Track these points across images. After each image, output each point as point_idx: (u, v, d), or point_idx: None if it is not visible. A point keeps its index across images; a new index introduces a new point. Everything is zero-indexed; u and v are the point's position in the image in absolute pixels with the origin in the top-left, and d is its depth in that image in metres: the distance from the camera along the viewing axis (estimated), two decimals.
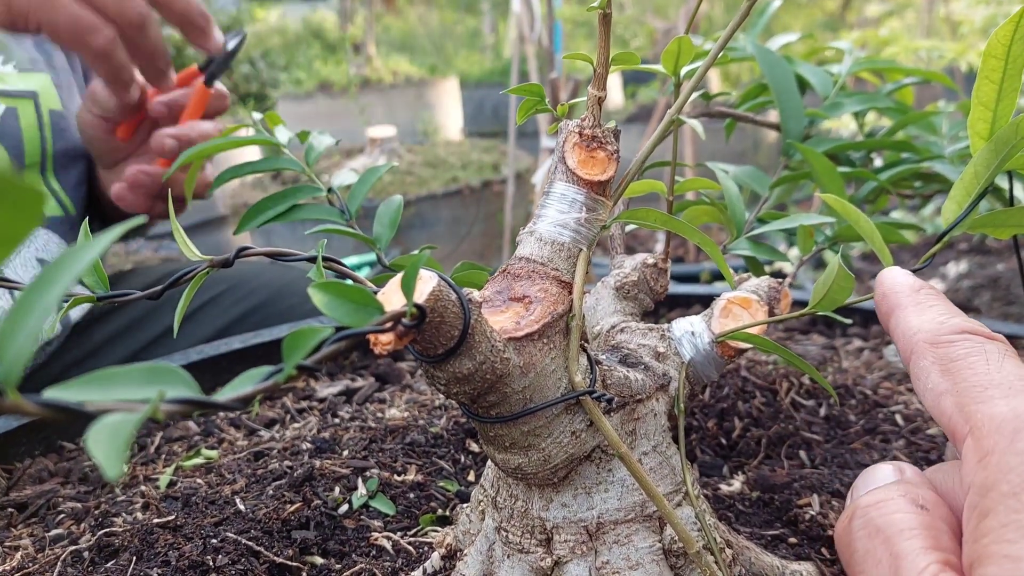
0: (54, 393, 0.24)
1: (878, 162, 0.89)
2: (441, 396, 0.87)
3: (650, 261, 0.63)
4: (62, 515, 0.70)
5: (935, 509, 0.36)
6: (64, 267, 0.23)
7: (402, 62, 5.80)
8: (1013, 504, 0.30)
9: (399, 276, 0.38)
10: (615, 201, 0.52)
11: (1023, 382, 0.35)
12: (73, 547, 0.62)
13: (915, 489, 0.37)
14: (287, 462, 0.72)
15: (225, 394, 0.27)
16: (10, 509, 0.72)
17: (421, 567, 0.57)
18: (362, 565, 0.58)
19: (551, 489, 0.52)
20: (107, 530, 0.64)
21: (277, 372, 0.28)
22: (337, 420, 0.84)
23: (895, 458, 0.75)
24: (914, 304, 0.43)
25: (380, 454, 0.73)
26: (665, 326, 0.58)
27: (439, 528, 0.63)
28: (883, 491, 0.37)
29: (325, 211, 0.75)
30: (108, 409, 0.23)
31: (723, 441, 0.78)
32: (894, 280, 0.45)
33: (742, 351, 0.56)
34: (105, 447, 0.21)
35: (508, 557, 0.52)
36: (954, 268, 2.58)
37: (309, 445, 0.75)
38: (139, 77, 1.03)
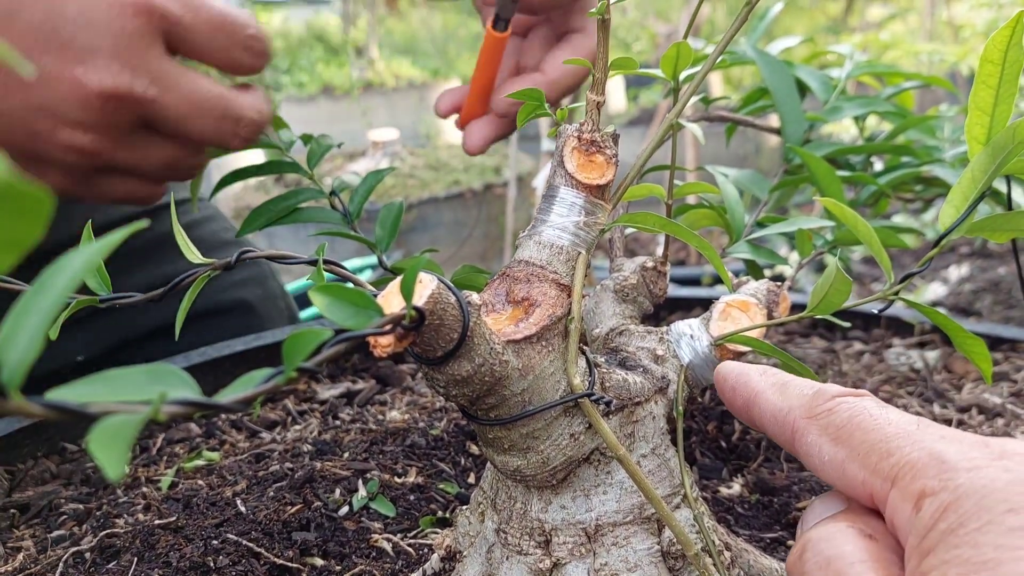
0: (57, 394, 0.24)
1: (879, 166, 0.89)
2: (441, 399, 0.87)
3: (649, 264, 0.63)
4: (64, 516, 0.70)
5: (883, 539, 0.36)
6: (66, 269, 0.24)
7: (404, 65, 5.81)
8: (952, 540, 0.31)
9: (399, 279, 0.39)
10: (614, 205, 0.53)
11: (916, 425, 0.36)
12: (75, 548, 0.63)
13: (863, 518, 0.37)
14: (288, 464, 0.72)
15: (227, 396, 0.28)
16: (12, 510, 0.72)
17: (421, 569, 0.58)
18: (362, 567, 0.58)
19: (550, 491, 0.52)
20: (109, 531, 0.64)
21: (278, 374, 0.29)
22: (338, 422, 0.84)
23: None
24: (769, 386, 0.43)
25: (380, 456, 0.73)
26: (664, 329, 0.59)
27: (439, 530, 0.63)
28: (832, 522, 0.38)
29: (327, 214, 0.75)
30: (110, 410, 0.24)
31: (722, 444, 0.78)
32: (738, 372, 0.44)
33: (741, 354, 0.56)
34: (107, 448, 0.21)
35: (507, 559, 0.53)
36: (955, 272, 2.58)
37: (310, 447, 0.76)
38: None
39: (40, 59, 0.53)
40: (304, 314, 1.90)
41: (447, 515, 0.66)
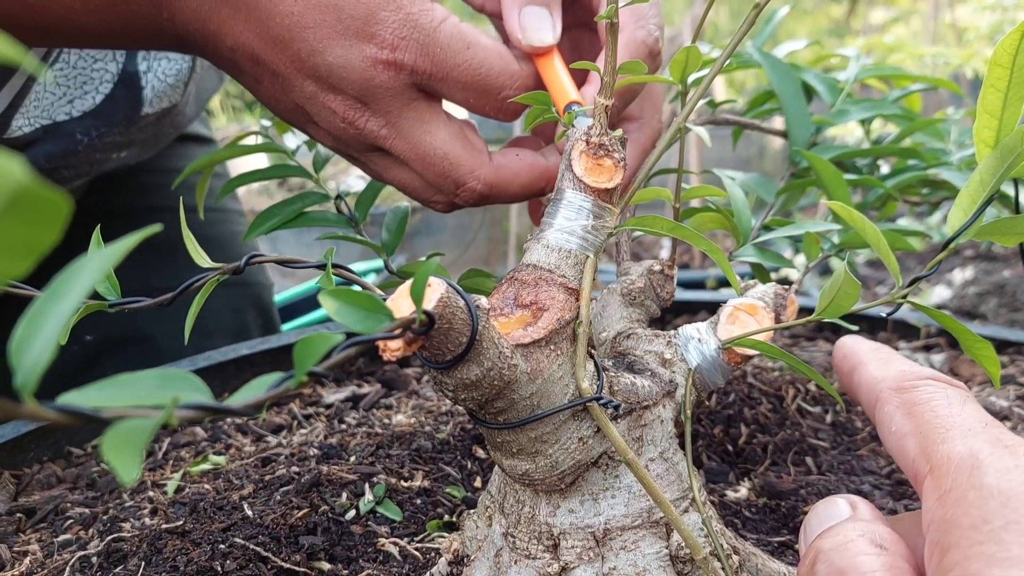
0: (69, 399, 0.24)
1: (885, 169, 0.89)
2: (447, 402, 0.87)
3: (656, 268, 0.63)
4: (70, 521, 0.70)
5: (894, 547, 0.37)
6: (79, 275, 0.24)
7: None
8: (975, 536, 0.32)
9: (408, 283, 0.39)
10: (622, 208, 0.53)
11: (982, 424, 0.37)
12: (81, 552, 0.63)
13: (872, 526, 0.38)
14: (294, 468, 0.72)
15: (237, 400, 0.28)
16: (19, 515, 0.72)
17: (428, 573, 0.58)
18: (369, 571, 0.58)
19: (558, 495, 0.52)
20: (115, 535, 0.64)
21: (288, 378, 0.29)
22: (344, 426, 0.84)
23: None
24: (876, 360, 0.45)
25: (387, 460, 0.73)
26: (671, 332, 0.59)
27: (446, 534, 0.63)
28: (842, 532, 0.38)
29: (333, 218, 0.75)
30: (123, 415, 0.24)
31: (729, 447, 0.78)
32: (854, 342, 0.48)
33: (748, 357, 0.56)
34: (121, 453, 0.21)
35: (515, 563, 0.52)
36: (960, 275, 2.58)
37: (316, 451, 0.76)
38: None
39: (302, 83, 0.62)
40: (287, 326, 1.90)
41: (454, 519, 0.66)
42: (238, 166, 3.09)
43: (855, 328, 0.61)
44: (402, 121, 0.63)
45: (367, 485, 0.68)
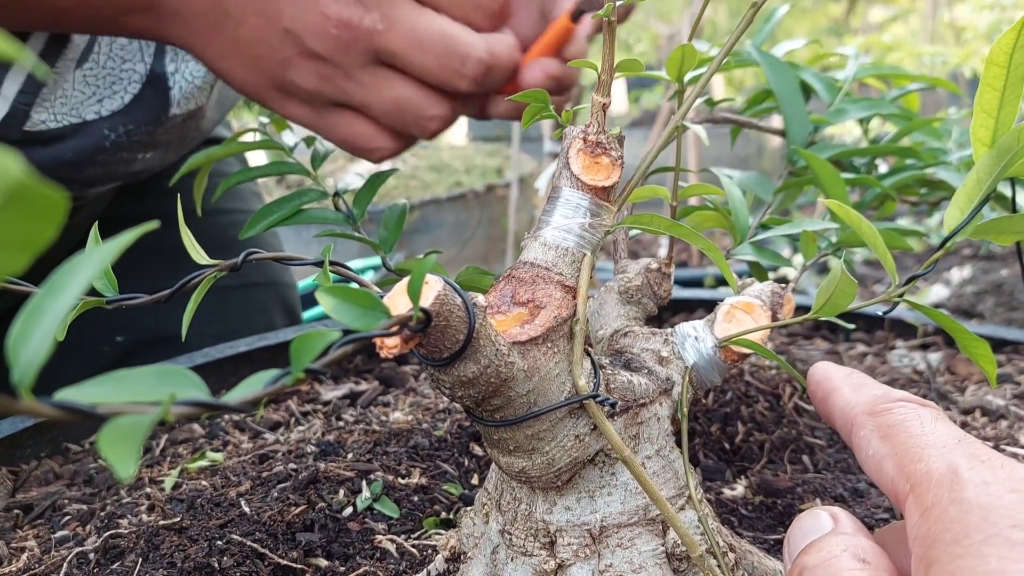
0: (67, 395, 0.24)
1: (883, 168, 0.89)
2: (445, 400, 0.87)
3: (654, 266, 0.63)
4: (68, 517, 0.70)
5: (877, 561, 0.37)
6: (77, 271, 0.24)
7: None
8: (956, 550, 0.32)
9: (405, 280, 0.39)
10: (619, 206, 0.53)
11: (956, 440, 0.38)
12: (79, 549, 0.63)
13: (854, 540, 0.39)
14: (292, 465, 0.72)
15: (234, 396, 0.28)
16: (16, 511, 0.72)
17: (425, 570, 0.58)
18: (366, 568, 0.59)
19: (555, 492, 0.52)
20: (113, 532, 0.64)
21: (285, 375, 0.29)
22: (341, 423, 0.84)
23: None
24: (849, 385, 0.46)
25: (384, 457, 0.73)
26: (668, 330, 0.59)
27: (443, 531, 0.63)
28: (826, 547, 0.39)
29: (331, 215, 0.75)
30: (120, 411, 0.24)
31: (726, 445, 0.78)
32: (826, 369, 0.49)
33: (745, 356, 0.56)
34: (118, 449, 0.21)
35: (512, 560, 0.53)
36: (957, 274, 2.58)
37: (314, 448, 0.76)
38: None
39: None
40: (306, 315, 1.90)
41: (451, 516, 0.66)
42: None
43: (851, 326, 0.61)
44: (396, 11, 0.65)
45: (364, 482, 0.68)
